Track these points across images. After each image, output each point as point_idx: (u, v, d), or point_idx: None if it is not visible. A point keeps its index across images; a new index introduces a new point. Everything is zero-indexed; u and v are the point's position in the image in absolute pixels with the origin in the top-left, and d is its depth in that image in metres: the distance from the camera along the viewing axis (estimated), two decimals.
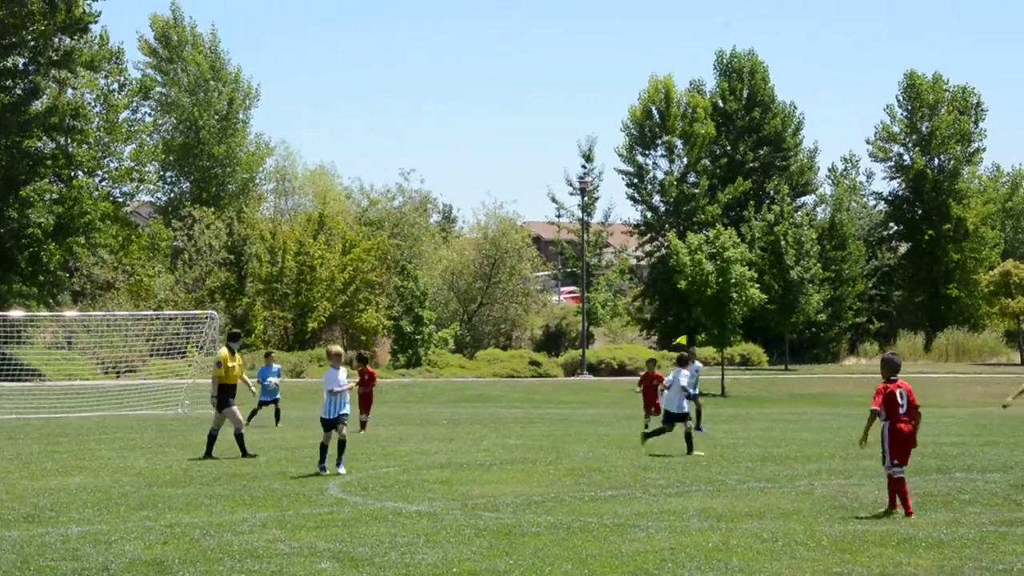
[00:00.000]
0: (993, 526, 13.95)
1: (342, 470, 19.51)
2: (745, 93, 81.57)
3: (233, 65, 75.65)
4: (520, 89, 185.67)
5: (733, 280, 53.44)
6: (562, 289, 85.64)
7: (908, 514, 14.72)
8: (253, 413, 31.14)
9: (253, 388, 27.65)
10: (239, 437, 22.71)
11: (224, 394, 22.59)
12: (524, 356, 65.78)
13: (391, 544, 12.85)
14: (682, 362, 24.29)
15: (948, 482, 18.56)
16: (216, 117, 73.69)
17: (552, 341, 72.63)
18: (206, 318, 43.53)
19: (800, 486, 18.11)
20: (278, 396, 32.28)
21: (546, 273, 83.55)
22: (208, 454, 22.37)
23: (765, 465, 21.28)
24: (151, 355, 47.90)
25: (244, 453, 22.48)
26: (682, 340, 66.68)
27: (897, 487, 14.98)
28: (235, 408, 22.79)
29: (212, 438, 22.58)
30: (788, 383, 60.80)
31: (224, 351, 23.15)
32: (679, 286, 57.15)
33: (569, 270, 79.11)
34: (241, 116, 75.75)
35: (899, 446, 15.02)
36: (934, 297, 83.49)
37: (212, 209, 68.72)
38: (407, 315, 63.22)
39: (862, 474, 19.74)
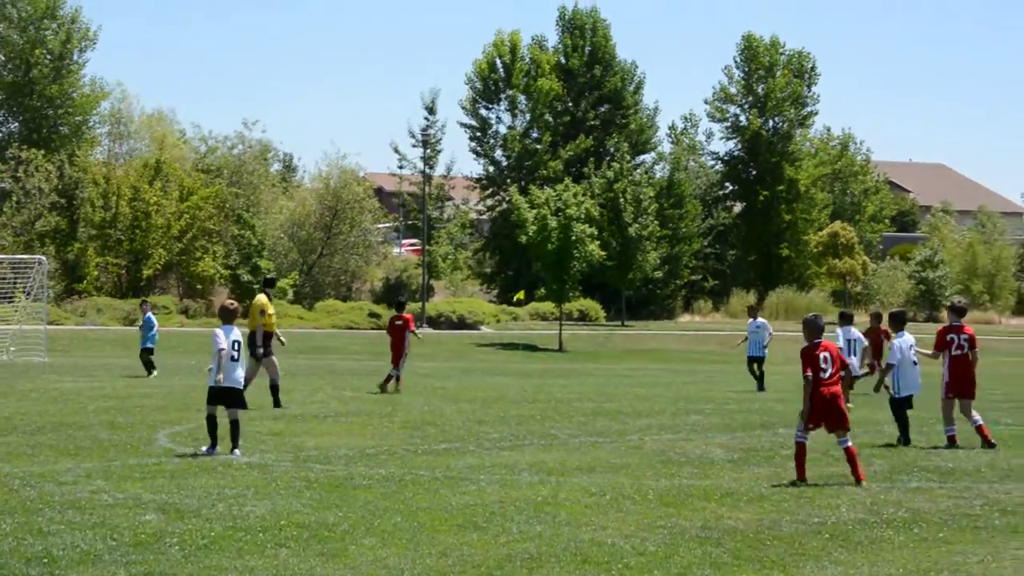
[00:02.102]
0: (811, 481, 14.40)
1: (238, 454, 15.80)
2: (587, 50, 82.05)
3: (70, 6, 73.09)
4: (366, 40, 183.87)
5: (574, 237, 53.96)
6: (403, 242, 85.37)
7: (800, 479, 14.12)
8: (150, 364, 31.08)
9: (283, 339, 23.90)
10: (275, 388, 22.29)
11: (265, 342, 22.08)
12: (364, 308, 65.44)
13: (219, 496, 12.71)
14: (898, 319, 18.80)
15: (771, 438, 19.14)
16: (49, 56, 71.16)
17: (392, 293, 72.36)
18: (35, 263, 42.33)
19: (630, 441, 18.48)
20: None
21: (387, 225, 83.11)
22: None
23: (597, 419, 21.65)
24: None
25: (277, 403, 22.05)
26: (520, 295, 67.46)
27: (797, 452, 14.29)
28: (274, 357, 22.39)
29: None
30: (624, 339, 61.77)
31: (263, 297, 22.70)
32: (520, 241, 57.45)
33: (410, 222, 78.82)
34: (76, 57, 73.28)
35: (817, 411, 14.18)
36: (766, 256, 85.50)
37: (42, 151, 66.50)
38: (244, 264, 62.29)
39: (690, 429, 20.24)
